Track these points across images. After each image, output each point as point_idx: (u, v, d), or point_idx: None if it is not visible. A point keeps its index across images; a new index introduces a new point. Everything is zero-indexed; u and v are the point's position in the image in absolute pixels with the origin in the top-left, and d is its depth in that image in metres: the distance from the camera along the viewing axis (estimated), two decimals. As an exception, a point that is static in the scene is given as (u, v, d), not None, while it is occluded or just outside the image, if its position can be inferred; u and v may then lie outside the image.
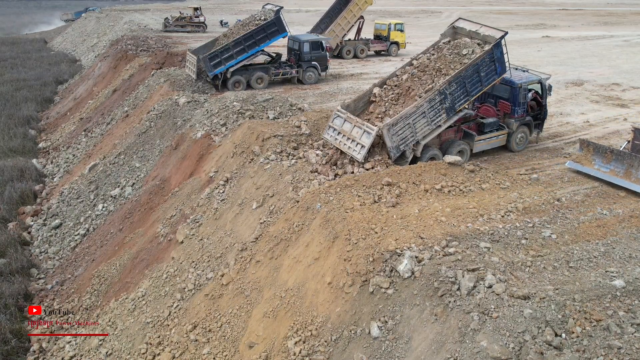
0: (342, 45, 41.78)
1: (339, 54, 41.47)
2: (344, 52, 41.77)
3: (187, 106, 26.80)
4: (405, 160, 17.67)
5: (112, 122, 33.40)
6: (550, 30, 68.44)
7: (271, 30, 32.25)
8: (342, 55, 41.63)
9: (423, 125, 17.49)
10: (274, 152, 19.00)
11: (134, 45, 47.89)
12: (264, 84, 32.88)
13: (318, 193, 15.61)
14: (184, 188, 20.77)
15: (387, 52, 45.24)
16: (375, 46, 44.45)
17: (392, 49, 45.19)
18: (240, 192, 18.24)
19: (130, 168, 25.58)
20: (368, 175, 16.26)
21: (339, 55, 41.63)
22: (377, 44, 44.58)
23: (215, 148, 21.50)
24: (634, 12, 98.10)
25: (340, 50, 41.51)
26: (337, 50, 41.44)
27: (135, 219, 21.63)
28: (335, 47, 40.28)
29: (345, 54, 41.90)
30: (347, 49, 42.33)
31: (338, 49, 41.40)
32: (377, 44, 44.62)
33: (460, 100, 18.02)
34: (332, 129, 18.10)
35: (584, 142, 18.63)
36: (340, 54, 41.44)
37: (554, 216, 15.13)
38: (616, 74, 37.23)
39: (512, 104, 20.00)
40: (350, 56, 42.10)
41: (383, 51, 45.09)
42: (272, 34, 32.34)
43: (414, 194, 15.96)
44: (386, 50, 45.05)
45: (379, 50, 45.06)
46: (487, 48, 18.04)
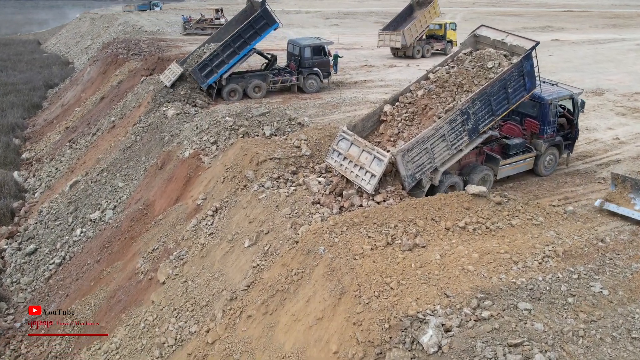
0: (413, 46, 44.22)
1: (411, 54, 44.46)
2: (415, 52, 44.42)
3: (176, 119, 24.43)
4: (421, 190, 15.30)
5: (98, 133, 31.04)
6: (558, 33, 66.03)
7: (260, 25, 29.40)
8: (413, 55, 44.29)
9: (442, 149, 15.12)
10: (269, 178, 16.62)
11: (125, 48, 45.50)
12: (262, 93, 30.41)
13: (321, 232, 13.24)
14: (169, 216, 18.40)
15: (444, 51, 46.26)
16: (436, 46, 46.50)
17: (447, 47, 46.74)
18: (231, 225, 15.87)
19: (113, 188, 23.21)
20: (379, 211, 13.87)
21: (409, 55, 44.55)
22: (437, 44, 46.63)
23: (204, 170, 19.12)
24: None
25: (412, 51, 44.26)
26: (410, 50, 44.12)
27: (115, 250, 19.27)
28: (408, 47, 43.67)
29: (415, 53, 44.56)
30: (417, 49, 44.84)
31: (410, 49, 44.01)
32: (436, 43, 46.63)
33: (485, 121, 15.65)
34: (336, 152, 15.72)
35: (617, 176, 15.72)
36: (412, 54, 44.36)
37: (600, 263, 12.75)
38: (637, 81, 34.85)
39: (541, 123, 17.62)
40: (419, 55, 44.79)
41: (440, 50, 46.63)
42: (261, 28, 29.51)
43: (434, 233, 13.59)
44: (443, 49, 46.58)
45: (439, 49, 46.88)
46: (516, 60, 15.66)
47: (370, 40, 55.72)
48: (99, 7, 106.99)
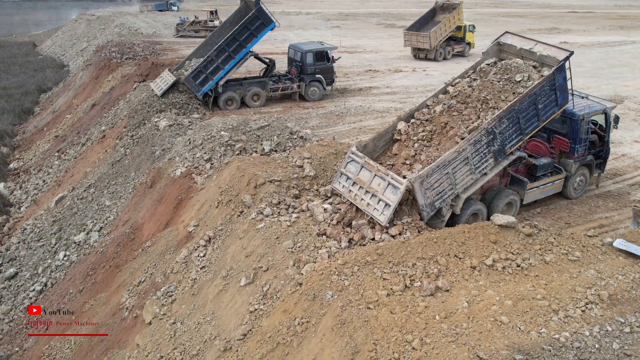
0: (436, 49, 44.31)
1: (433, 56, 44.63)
2: (437, 55, 44.57)
3: (168, 131, 22.64)
4: (441, 220, 13.53)
5: (88, 144, 29.23)
6: (565, 35, 64.37)
7: (255, 26, 27.51)
8: (435, 58, 44.44)
9: (465, 174, 13.35)
10: (269, 204, 14.84)
11: (119, 52, 43.66)
12: (261, 102, 28.62)
13: (328, 273, 11.47)
14: (158, 243, 16.62)
15: (462, 53, 47.07)
16: (456, 48, 46.65)
17: (466, 49, 47.32)
18: (226, 258, 14.08)
19: (99, 206, 21.43)
20: (395, 247, 12.10)
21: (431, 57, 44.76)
22: (456, 46, 46.81)
23: (196, 192, 17.34)
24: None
25: (435, 53, 44.43)
26: (433, 53, 44.32)
27: (99, 279, 17.50)
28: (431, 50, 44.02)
29: (438, 55, 44.71)
30: (439, 52, 44.94)
31: (433, 52, 44.25)
32: (456, 45, 46.78)
33: (512, 141, 13.90)
34: (344, 176, 13.95)
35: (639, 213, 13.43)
36: (434, 57, 44.50)
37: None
38: (656, 87, 33.20)
39: (572, 141, 15.87)
40: (441, 58, 44.99)
41: (459, 52, 46.99)
42: (257, 29, 27.63)
43: (458, 272, 11.83)
44: (462, 51, 47.07)
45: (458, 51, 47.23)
46: (548, 73, 13.89)
47: (373, 43, 54.10)
48: (95, 9, 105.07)
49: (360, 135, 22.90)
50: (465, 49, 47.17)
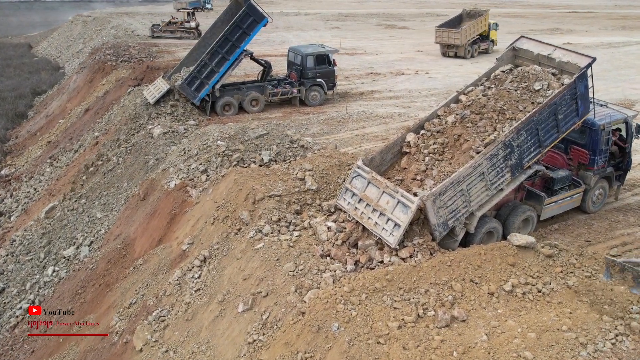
0: (465, 47, 45.91)
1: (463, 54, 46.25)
2: (466, 52, 46.15)
3: (163, 139, 21.64)
4: (454, 240, 12.56)
5: (80, 150, 28.22)
6: (568, 35, 63.48)
7: (247, 24, 26.25)
8: (464, 55, 46.03)
9: (480, 190, 12.38)
10: (268, 222, 13.85)
11: (114, 55, 42.63)
12: (260, 107, 27.61)
13: (334, 302, 10.51)
14: (150, 261, 15.63)
15: (487, 50, 48.52)
16: (482, 45, 48.11)
17: (490, 46, 48.86)
18: (222, 280, 13.10)
19: (90, 219, 20.44)
20: (406, 271, 11.12)
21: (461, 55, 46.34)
22: (482, 43, 48.16)
23: (191, 206, 16.35)
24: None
25: (464, 51, 46.06)
26: (462, 50, 45.96)
27: (88, 298, 16.52)
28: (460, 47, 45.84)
29: (466, 53, 46.21)
30: (467, 49, 46.37)
31: (462, 49, 45.89)
32: (481, 43, 48.12)
33: (531, 154, 12.94)
34: (349, 192, 12.96)
35: (614, 264, 11.27)
36: (463, 55, 46.11)
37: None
38: (665, 91, 32.31)
39: (591, 152, 14.89)
40: (469, 55, 46.45)
41: (484, 49, 48.37)
42: (249, 27, 26.37)
43: (474, 300, 10.87)
44: (487, 48, 48.54)
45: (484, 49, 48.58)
46: (569, 81, 12.93)
47: (373, 44, 53.16)
48: (92, 9, 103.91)
49: (364, 143, 21.92)
50: (489, 47, 48.80)
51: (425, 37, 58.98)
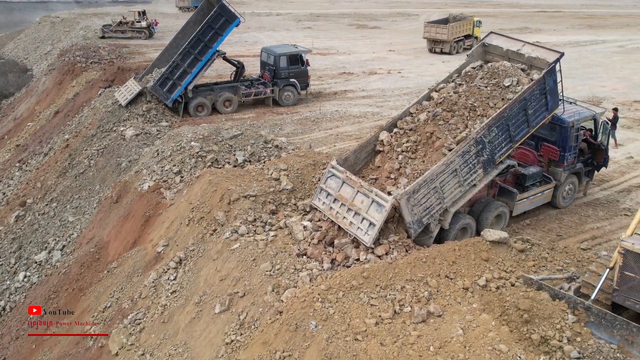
0: (451, 44, 48.35)
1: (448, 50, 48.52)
2: (451, 49, 48.31)
3: (135, 141, 21.43)
4: (429, 236, 12.72)
5: (50, 153, 27.74)
6: (536, 34, 64.40)
7: (219, 24, 26.04)
8: (450, 52, 48.22)
9: (453, 187, 12.57)
10: (244, 222, 13.84)
11: (83, 56, 41.91)
12: (233, 107, 27.47)
13: (311, 300, 10.55)
14: (124, 264, 15.48)
15: (471, 47, 47.09)
16: (467, 42, 49.76)
17: (474, 43, 48.45)
18: (198, 282, 13.05)
19: (62, 223, 20.14)
20: (382, 268, 11.22)
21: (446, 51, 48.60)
22: (467, 41, 49.93)
23: (165, 207, 16.25)
24: (614, 15, 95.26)
25: (450, 47, 48.30)
26: (448, 47, 48.26)
27: (61, 303, 16.27)
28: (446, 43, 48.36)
29: (452, 49, 48.37)
30: (453, 46, 48.63)
31: (448, 46, 48.26)
32: (467, 40, 50.01)
33: (502, 149, 13.19)
34: (324, 192, 13.03)
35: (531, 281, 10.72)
36: (449, 51, 48.27)
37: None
38: (631, 88, 33.10)
39: (561, 149, 15.20)
40: (454, 52, 48.44)
41: (469, 46, 48.59)
42: (221, 27, 26.15)
43: (450, 295, 11.02)
44: (471, 45, 48.22)
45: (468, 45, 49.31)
46: (538, 76, 13.19)
47: (345, 44, 53.28)
48: (59, 10, 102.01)
49: (338, 143, 22.01)
50: (473, 43, 49.15)
51: (397, 36, 59.35)
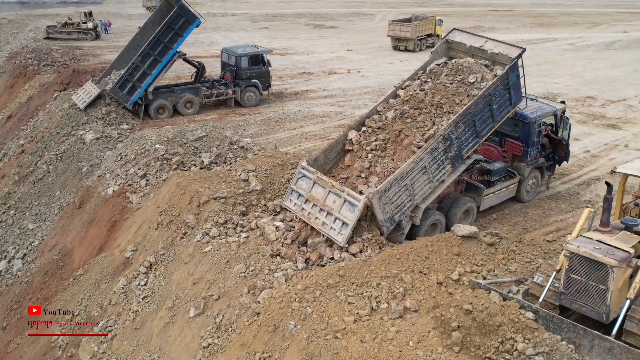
0: (415, 42, 49.97)
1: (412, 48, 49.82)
2: (415, 46, 49.89)
3: (96, 145, 20.97)
4: (401, 233, 12.89)
5: (5, 159, 26.88)
6: (490, 33, 65.38)
7: (179, 25, 25.62)
8: (414, 49, 49.50)
9: (423, 184, 12.77)
10: (215, 224, 13.71)
11: (35, 59, 40.66)
12: (194, 109, 27.14)
13: (288, 300, 10.54)
14: (91, 270, 15.13)
15: (433, 45, 48.78)
16: (429, 40, 51.37)
17: (436, 41, 49.67)
18: (170, 286, 12.88)
19: (22, 231, 19.55)
20: (357, 266, 11.31)
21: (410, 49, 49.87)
22: (429, 39, 51.52)
23: (132, 212, 15.96)
24: (562, 13, 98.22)
25: (413, 45, 49.83)
26: (411, 44, 49.77)
27: (25, 313, 15.77)
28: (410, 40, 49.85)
29: (416, 47, 49.86)
30: (416, 43, 50.18)
31: (412, 43, 49.78)
32: (429, 38, 51.58)
33: (469, 144, 13.47)
34: (295, 193, 13.04)
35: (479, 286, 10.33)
36: (413, 48, 49.63)
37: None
38: (583, 84, 34.24)
39: (525, 144, 15.59)
40: (418, 49, 49.91)
41: (431, 44, 50.25)
42: (181, 28, 25.75)
43: (424, 290, 11.20)
44: (433, 43, 49.99)
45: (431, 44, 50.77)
46: (501, 72, 13.52)
47: (304, 44, 53.35)
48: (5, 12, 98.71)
49: (303, 142, 22.01)
50: (435, 41, 50.73)
51: (354, 36, 59.66)
